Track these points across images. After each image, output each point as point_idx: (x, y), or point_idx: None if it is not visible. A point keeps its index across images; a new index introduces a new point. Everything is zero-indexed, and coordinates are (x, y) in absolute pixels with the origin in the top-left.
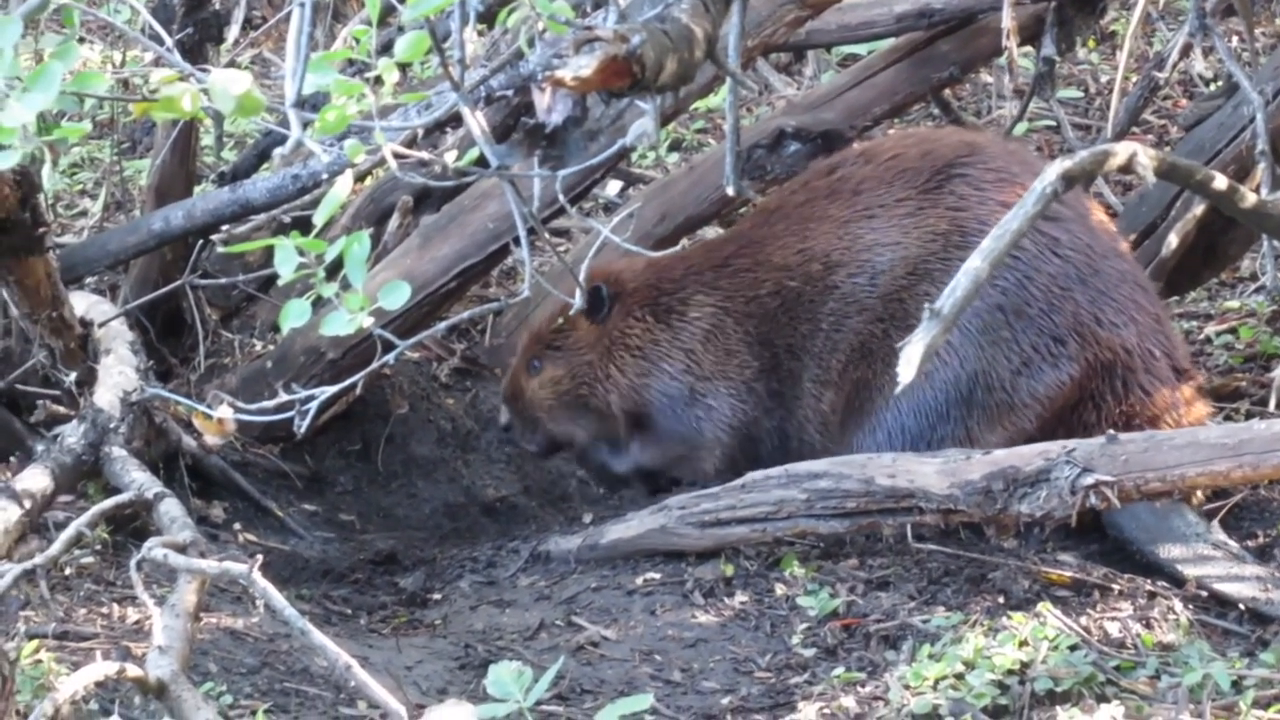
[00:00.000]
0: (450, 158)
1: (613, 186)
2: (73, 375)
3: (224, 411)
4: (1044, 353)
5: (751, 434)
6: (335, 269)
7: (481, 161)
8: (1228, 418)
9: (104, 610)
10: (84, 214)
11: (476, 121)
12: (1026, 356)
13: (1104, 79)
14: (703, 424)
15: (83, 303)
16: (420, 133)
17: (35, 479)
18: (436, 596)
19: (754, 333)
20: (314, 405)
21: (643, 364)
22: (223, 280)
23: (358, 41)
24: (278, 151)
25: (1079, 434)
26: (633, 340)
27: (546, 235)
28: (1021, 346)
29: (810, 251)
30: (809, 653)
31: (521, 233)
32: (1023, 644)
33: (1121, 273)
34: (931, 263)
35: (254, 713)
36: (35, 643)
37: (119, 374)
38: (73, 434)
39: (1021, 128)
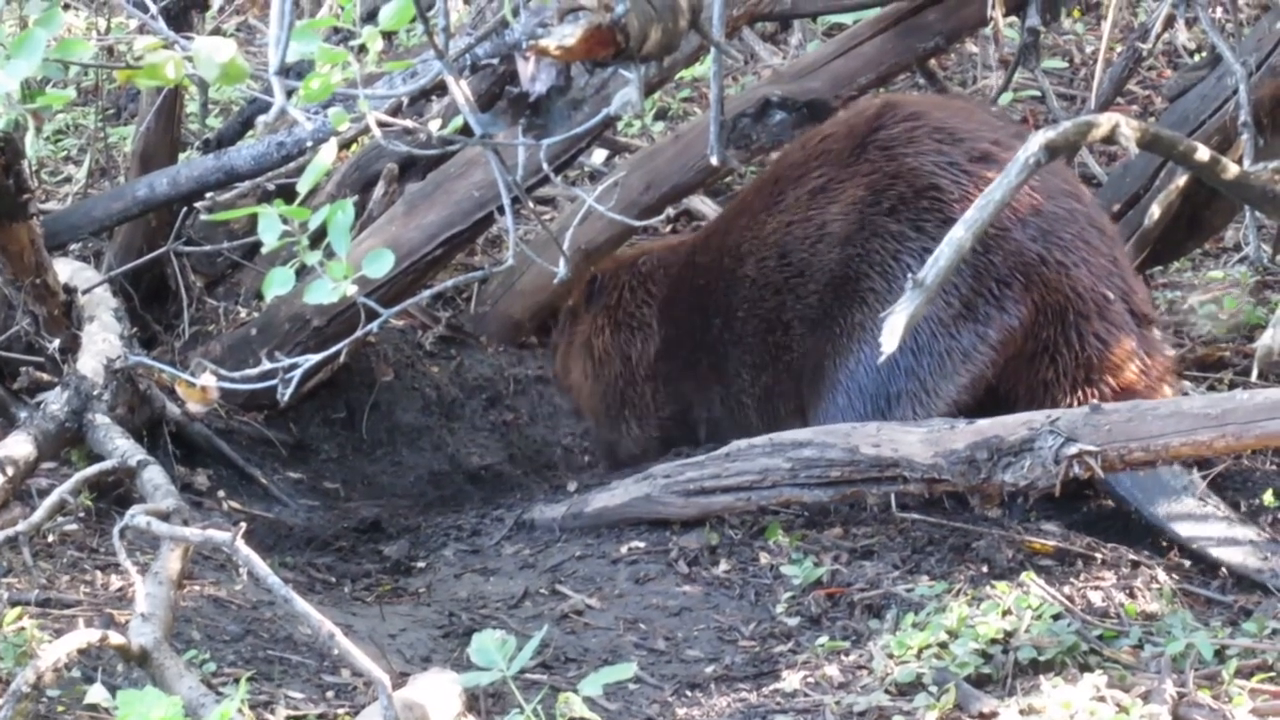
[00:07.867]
0: (435, 126)
1: (598, 155)
2: (56, 342)
3: (207, 379)
4: (987, 295)
5: (685, 421)
6: (320, 237)
7: (466, 130)
8: (1211, 388)
9: (87, 578)
10: (68, 180)
11: (461, 90)
12: (966, 299)
13: (1089, 49)
14: (631, 430)
15: (66, 269)
16: (405, 101)
17: (18, 446)
18: (421, 565)
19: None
20: (298, 373)
21: (588, 365)
22: (207, 247)
23: (342, 9)
24: (261, 119)
25: (1039, 391)
26: (581, 339)
27: (531, 204)
28: (959, 289)
29: (723, 246)
30: (793, 621)
31: (506, 201)
32: (1006, 613)
33: (1070, 211)
34: (867, 228)
35: (237, 680)
36: (18, 610)
37: (102, 341)
38: (56, 401)
39: (1006, 98)
